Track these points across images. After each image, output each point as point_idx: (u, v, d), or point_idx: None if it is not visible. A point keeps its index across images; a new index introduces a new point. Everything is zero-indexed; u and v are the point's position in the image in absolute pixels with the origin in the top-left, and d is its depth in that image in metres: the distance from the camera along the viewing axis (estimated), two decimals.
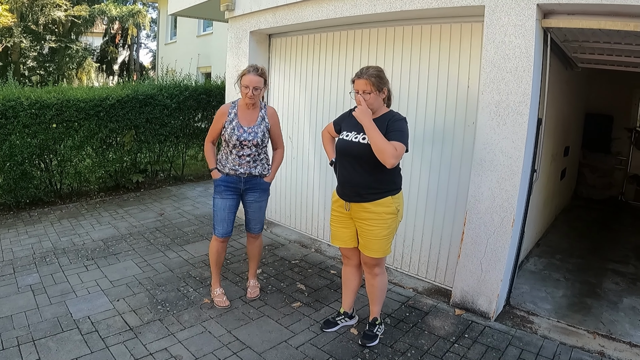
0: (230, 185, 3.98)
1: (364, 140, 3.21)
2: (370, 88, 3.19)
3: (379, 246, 3.33)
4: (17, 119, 6.37)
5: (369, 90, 3.19)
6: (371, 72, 3.21)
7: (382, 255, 3.38)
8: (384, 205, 3.25)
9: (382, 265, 3.53)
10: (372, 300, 3.64)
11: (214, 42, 17.08)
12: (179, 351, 3.39)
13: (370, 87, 3.18)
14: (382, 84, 3.23)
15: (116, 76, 26.14)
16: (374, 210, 3.26)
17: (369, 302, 3.72)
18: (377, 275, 3.50)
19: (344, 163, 3.37)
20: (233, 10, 6.10)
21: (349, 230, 3.50)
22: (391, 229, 3.33)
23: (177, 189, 8.44)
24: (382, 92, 3.25)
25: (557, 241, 6.09)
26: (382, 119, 3.25)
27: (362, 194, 3.27)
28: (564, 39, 4.31)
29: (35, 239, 5.60)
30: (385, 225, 3.28)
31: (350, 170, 3.32)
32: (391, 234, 3.35)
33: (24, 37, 18.51)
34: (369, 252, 3.38)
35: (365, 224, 3.32)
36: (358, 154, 3.25)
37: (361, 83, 3.21)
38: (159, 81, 9.19)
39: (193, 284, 4.52)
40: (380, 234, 3.29)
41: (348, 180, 3.35)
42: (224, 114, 3.94)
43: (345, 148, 3.35)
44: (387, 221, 3.28)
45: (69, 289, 4.31)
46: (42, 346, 3.38)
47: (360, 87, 3.22)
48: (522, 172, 3.68)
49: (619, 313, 4.13)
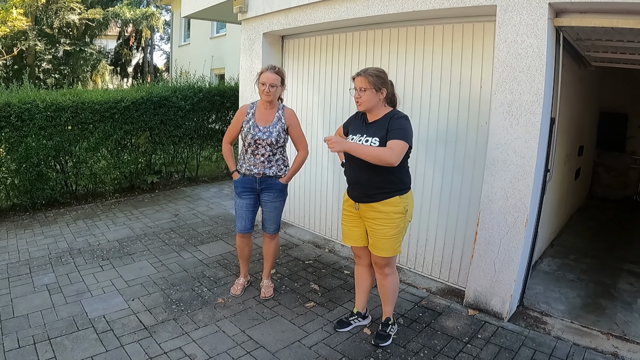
0: (247, 186, 4.08)
1: (366, 143, 3.25)
2: (367, 85, 3.24)
3: (387, 245, 3.35)
4: (33, 121, 6.46)
5: (365, 88, 3.24)
6: (370, 71, 3.28)
7: (390, 254, 3.39)
8: (392, 204, 3.27)
9: (393, 265, 3.53)
10: (384, 301, 3.66)
11: (228, 44, 17.16)
12: (193, 350, 3.43)
13: (366, 84, 3.24)
14: (379, 83, 3.25)
15: (130, 78, 26.38)
16: (382, 210, 3.28)
17: (381, 302, 3.73)
18: (388, 275, 3.51)
19: (352, 165, 3.41)
20: (246, 12, 6.13)
21: (359, 230, 3.52)
22: (400, 229, 3.34)
23: (192, 190, 8.50)
24: (380, 92, 3.27)
25: (572, 241, 6.05)
26: (384, 119, 3.28)
27: (370, 195, 3.30)
28: (577, 37, 4.28)
29: (51, 240, 5.67)
30: (393, 225, 3.30)
31: (357, 172, 3.36)
32: (400, 233, 3.36)
33: (38, 40, 18.70)
34: (378, 252, 3.40)
35: (374, 223, 3.34)
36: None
37: (359, 80, 3.28)
38: (173, 83, 9.28)
39: (207, 283, 4.55)
40: (388, 233, 3.31)
41: (356, 181, 3.40)
42: (243, 113, 4.07)
43: None
44: (395, 221, 3.30)
45: (85, 289, 4.37)
46: (57, 345, 3.43)
47: (358, 84, 3.28)
48: (536, 172, 3.66)
49: (633, 314, 4.10)
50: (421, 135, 4.63)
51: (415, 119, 4.61)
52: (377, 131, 3.24)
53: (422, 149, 4.64)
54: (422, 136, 4.63)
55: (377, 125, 3.28)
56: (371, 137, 3.25)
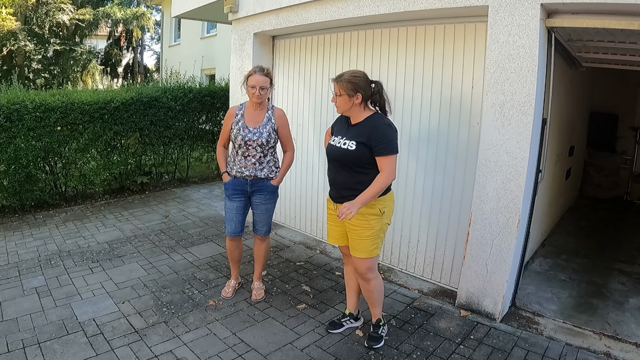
0: (238, 188, 4.05)
1: (344, 146, 3.27)
2: (340, 91, 3.26)
3: (362, 246, 3.34)
4: (22, 122, 6.39)
5: (340, 93, 3.26)
6: (344, 77, 3.28)
7: (366, 255, 3.37)
8: (367, 205, 3.25)
9: (374, 269, 3.50)
10: (371, 304, 3.64)
11: (218, 44, 17.11)
12: (184, 353, 3.40)
13: (340, 90, 3.26)
14: (352, 89, 3.23)
15: (120, 79, 26.25)
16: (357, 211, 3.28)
17: (369, 306, 3.72)
18: (371, 280, 3.49)
19: (330, 166, 3.47)
20: (236, 12, 6.10)
21: (339, 229, 3.52)
22: (375, 230, 3.32)
23: (182, 191, 8.45)
24: (355, 97, 3.24)
25: (563, 241, 6.07)
26: (365, 123, 3.28)
27: (345, 195, 3.30)
28: (568, 38, 4.29)
29: (41, 242, 5.61)
30: (368, 226, 3.30)
31: (334, 173, 3.42)
32: (376, 235, 3.34)
33: (28, 40, 18.56)
34: (355, 252, 3.40)
35: (350, 224, 3.34)
36: (340, 158, 3.32)
37: (334, 86, 3.31)
38: (163, 83, 9.22)
39: (198, 286, 4.52)
40: (363, 234, 3.31)
41: (333, 182, 3.45)
42: (231, 116, 4.05)
43: (331, 152, 3.43)
44: (371, 222, 3.29)
45: (74, 292, 4.32)
46: (47, 349, 3.39)
47: (335, 89, 3.31)
48: (527, 172, 3.66)
49: (625, 313, 4.11)
50: (412, 136, 4.62)
51: (407, 119, 4.61)
52: (357, 135, 3.24)
53: (412, 150, 4.64)
54: (413, 137, 4.62)
55: (358, 128, 3.28)
56: (349, 140, 3.26)
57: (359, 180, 3.26)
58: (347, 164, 3.28)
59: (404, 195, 4.71)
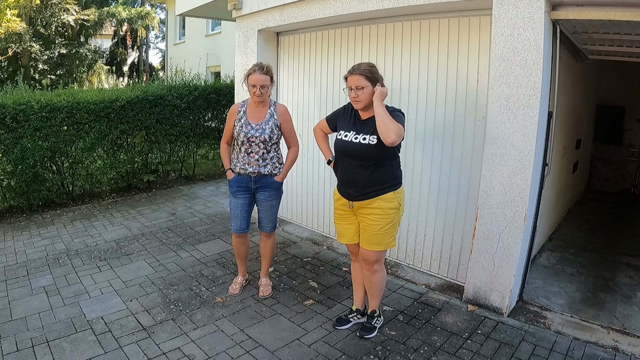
0: (242, 185, 4.05)
1: (364, 141, 3.24)
2: (364, 83, 3.21)
3: (380, 239, 3.35)
4: (28, 122, 6.42)
5: (362, 86, 3.21)
6: (364, 67, 3.24)
7: (384, 247, 3.39)
8: (387, 200, 3.27)
9: (382, 262, 3.53)
10: (372, 295, 3.66)
11: (223, 41, 17.11)
12: (192, 350, 3.41)
13: (363, 81, 3.21)
14: (375, 78, 3.24)
15: (126, 77, 26.32)
16: (378, 206, 3.29)
17: (368, 296, 3.74)
18: (377, 271, 3.50)
19: (345, 164, 3.39)
20: (240, 9, 6.10)
21: (353, 227, 3.52)
22: (393, 223, 3.35)
23: (189, 189, 8.47)
24: (376, 87, 3.24)
25: (570, 235, 6.04)
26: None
27: (366, 192, 3.29)
28: (574, 30, 4.26)
29: (48, 241, 5.64)
30: (387, 220, 3.31)
31: (352, 171, 3.34)
32: (394, 227, 3.37)
33: (33, 41, 18.62)
34: (371, 246, 3.39)
35: (369, 219, 3.34)
36: (360, 155, 3.27)
37: (354, 79, 3.23)
38: (168, 81, 9.23)
39: (205, 283, 4.54)
40: (383, 229, 3.32)
41: (350, 180, 3.38)
42: (233, 113, 4.05)
43: (346, 148, 3.36)
44: (390, 216, 3.31)
45: (83, 290, 4.35)
46: (56, 347, 3.41)
47: (354, 83, 3.24)
48: (534, 166, 3.64)
49: (633, 307, 4.09)
50: (418, 130, 4.61)
51: (412, 114, 4.59)
52: (375, 129, 3.18)
53: (419, 144, 4.63)
54: (419, 131, 4.61)
55: (372, 122, 3.22)
56: (368, 135, 3.23)
57: (380, 175, 3.26)
58: (366, 158, 3.24)
59: (410, 190, 4.69)
